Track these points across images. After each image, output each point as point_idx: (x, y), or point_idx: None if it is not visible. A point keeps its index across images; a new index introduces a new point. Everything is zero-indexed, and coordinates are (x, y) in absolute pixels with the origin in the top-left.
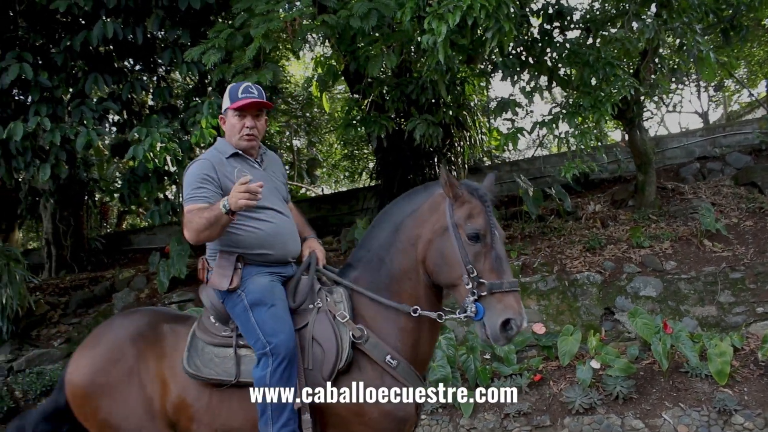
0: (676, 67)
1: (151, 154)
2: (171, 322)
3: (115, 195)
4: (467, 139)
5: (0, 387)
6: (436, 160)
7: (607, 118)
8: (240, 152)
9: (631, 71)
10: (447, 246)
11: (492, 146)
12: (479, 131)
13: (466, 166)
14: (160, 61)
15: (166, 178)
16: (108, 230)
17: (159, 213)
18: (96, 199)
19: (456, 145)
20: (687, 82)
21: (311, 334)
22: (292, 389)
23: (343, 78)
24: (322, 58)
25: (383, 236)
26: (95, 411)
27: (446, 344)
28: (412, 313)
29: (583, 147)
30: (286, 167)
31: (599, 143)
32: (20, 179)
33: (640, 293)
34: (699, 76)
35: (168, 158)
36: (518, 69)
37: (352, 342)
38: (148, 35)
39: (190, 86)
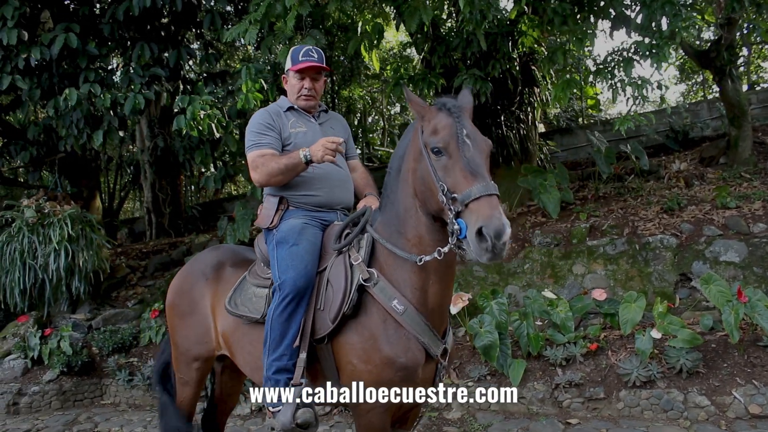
0: (762, 2)
1: (194, 122)
2: (235, 265)
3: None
4: (537, 95)
5: (78, 343)
6: (503, 118)
7: (666, 63)
8: (296, 107)
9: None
10: (424, 169)
11: (585, 105)
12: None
13: (537, 123)
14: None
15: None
16: (206, 199)
17: (214, 178)
18: (193, 168)
19: (525, 102)
20: None
21: (327, 276)
22: (293, 326)
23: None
24: (369, 16)
25: (391, 179)
26: (170, 324)
27: (498, 309)
28: (418, 262)
29: (639, 97)
30: (378, 133)
31: (660, 90)
32: (92, 147)
33: (720, 258)
34: None
35: (213, 125)
36: (576, 13)
37: (361, 285)
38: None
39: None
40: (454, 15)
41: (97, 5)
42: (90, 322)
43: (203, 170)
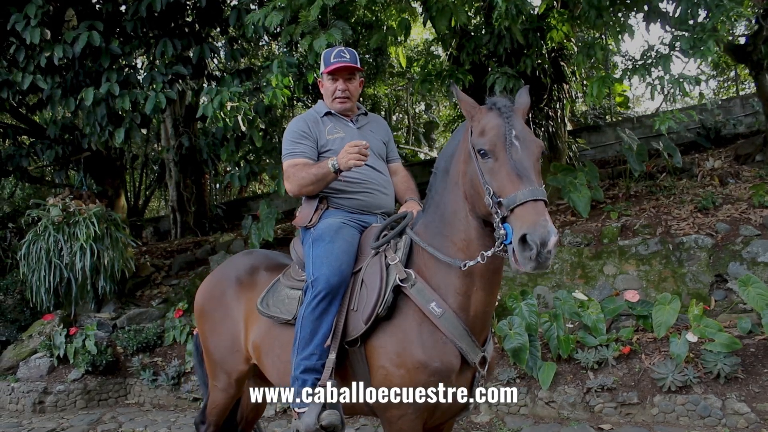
0: None
1: (222, 113)
2: (270, 269)
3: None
4: (566, 92)
5: (102, 342)
6: (531, 115)
7: (711, 58)
8: (333, 111)
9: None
10: (473, 171)
11: (614, 102)
12: (582, 83)
13: (566, 121)
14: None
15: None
16: (230, 197)
17: (238, 176)
18: (218, 166)
19: (554, 98)
20: None
21: (362, 276)
22: (325, 325)
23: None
24: (394, 12)
25: (437, 180)
26: (201, 329)
27: (528, 311)
28: (462, 267)
29: (681, 93)
30: (401, 131)
31: (699, 86)
32: (114, 145)
33: (758, 259)
34: None
35: (239, 118)
36: (610, 6)
37: (398, 286)
38: None
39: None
40: (482, 11)
41: (123, 4)
42: (115, 321)
43: (228, 168)
